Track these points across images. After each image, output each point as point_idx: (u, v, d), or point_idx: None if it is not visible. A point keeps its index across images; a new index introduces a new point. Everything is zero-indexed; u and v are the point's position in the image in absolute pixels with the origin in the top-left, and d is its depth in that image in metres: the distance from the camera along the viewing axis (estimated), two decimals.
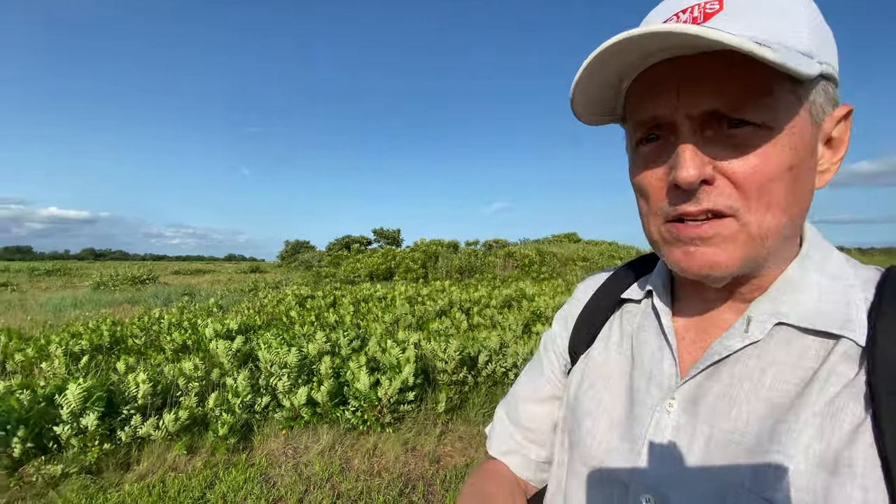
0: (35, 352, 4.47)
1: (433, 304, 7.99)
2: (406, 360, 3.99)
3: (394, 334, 5.98)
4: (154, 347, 5.09)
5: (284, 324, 6.51)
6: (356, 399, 3.68)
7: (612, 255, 17.00)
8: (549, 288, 8.72)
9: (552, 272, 15.25)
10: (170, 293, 14.05)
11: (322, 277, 19.80)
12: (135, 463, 3.17)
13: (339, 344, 4.56)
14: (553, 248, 19.48)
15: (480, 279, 14.94)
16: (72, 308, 11.18)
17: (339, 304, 9.42)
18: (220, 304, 11.37)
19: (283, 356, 3.95)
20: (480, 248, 19.71)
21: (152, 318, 7.47)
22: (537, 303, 6.83)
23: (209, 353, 4.99)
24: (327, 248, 42.68)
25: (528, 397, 0.73)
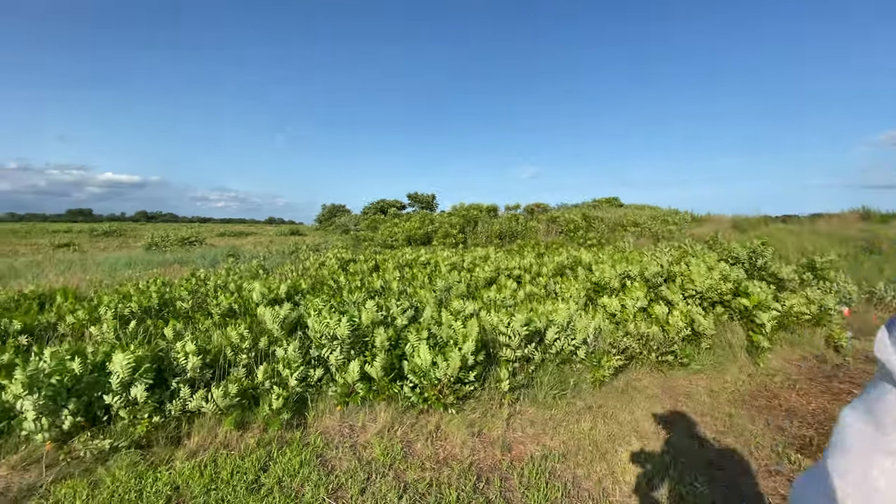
0: (86, 314, 4.39)
1: (481, 272, 7.54)
2: (465, 334, 3.59)
3: (445, 303, 5.61)
4: (201, 311, 4.95)
5: (331, 289, 6.27)
6: (415, 375, 3.34)
7: (665, 219, 15.86)
8: (605, 255, 8.05)
9: (600, 238, 14.40)
10: (216, 254, 14.32)
11: (360, 241, 19.76)
12: (185, 437, 2.98)
13: (391, 314, 4.21)
14: (598, 212, 18.44)
15: (523, 245, 14.32)
16: (125, 268, 11.53)
17: (382, 269, 9.16)
18: (264, 265, 11.42)
19: (334, 327, 3.63)
20: (521, 212, 18.95)
21: (199, 280, 7.45)
22: (598, 272, 6.24)
23: (256, 318, 4.79)
24: (363, 211, 42.93)
25: None
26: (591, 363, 4.12)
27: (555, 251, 11.85)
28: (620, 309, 5.23)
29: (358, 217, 39.71)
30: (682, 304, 5.20)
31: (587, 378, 3.99)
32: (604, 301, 5.25)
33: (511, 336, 3.81)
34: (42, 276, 9.58)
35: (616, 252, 9.99)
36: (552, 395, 3.65)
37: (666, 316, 4.89)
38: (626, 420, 3.50)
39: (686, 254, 6.89)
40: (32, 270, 9.96)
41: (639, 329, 4.51)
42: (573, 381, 3.83)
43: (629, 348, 4.34)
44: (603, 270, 6.14)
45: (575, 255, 8.06)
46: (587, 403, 3.66)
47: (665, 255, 6.53)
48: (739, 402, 4.05)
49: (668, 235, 14.68)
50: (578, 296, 5.51)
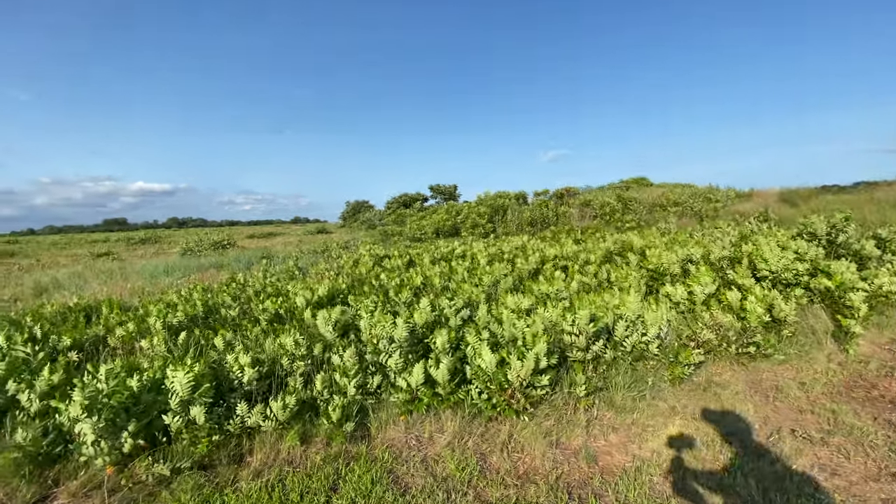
0: (135, 325, 4.32)
1: (523, 263, 7.22)
2: (533, 334, 3.30)
3: (493, 299, 5.34)
4: (248, 318, 4.83)
5: (373, 288, 6.08)
6: (479, 379, 3.08)
7: (707, 197, 15.06)
8: (656, 239, 7.57)
9: (639, 220, 13.79)
10: (250, 257, 14.45)
11: (388, 236, 19.66)
12: (247, 454, 2.82)
13: (444, 313, 3.97)
14: (633, 193, 17.71)
15: (557, 232, 13.86)
16: (164, 275, 11.73)
17: (418, 264, 8.95)
18: (299, 265, 11.40)
19: (389, 329, 3.41)
20: (551, 198, 18.40)
21: (239, 284, 7.42)
22: (655, 258, 5.81)
23: (304, 322, 4.64)
24: (386, 206, 42.97)
25: None
26: (666, 359, 3.77)
27: (591, 237, 11.38)
28: (687, 297, 4.83)
29: (382, 212, 39.80)
30: (757, 287, 4.75)
31: (664, 376, 3.65)
32: (667, 289, 4.86)
33: (577, 334, 3.50)
34: (85, 287, 9.81)
35: (661, 234, 9.47)
36: (630, 397, 3.33)
37: (740, 302, 4.47)
38: (717, 421, 3.16)
39: (751, 233, 6.38)
40: (75, 282, 10.21)
41: (715, 318, 4.12)
42: (651, 381, 3.50)
43: (708, 341, 3.96)
44: (660, 256, 5.72)
45: (623, 240, 7.61)
46: (670, 405, 3.33)
47: (727, 236, 6.06)
48: (837, 395, 3.64)
49: (712, 214, 13.94)
50: (638, 285, 5.13)
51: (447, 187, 45.28)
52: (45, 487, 2.46)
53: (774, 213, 12.71)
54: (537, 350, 3.07)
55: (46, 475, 2.51)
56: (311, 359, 3.48)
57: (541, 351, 3.09)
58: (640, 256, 6.79)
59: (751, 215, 13.13)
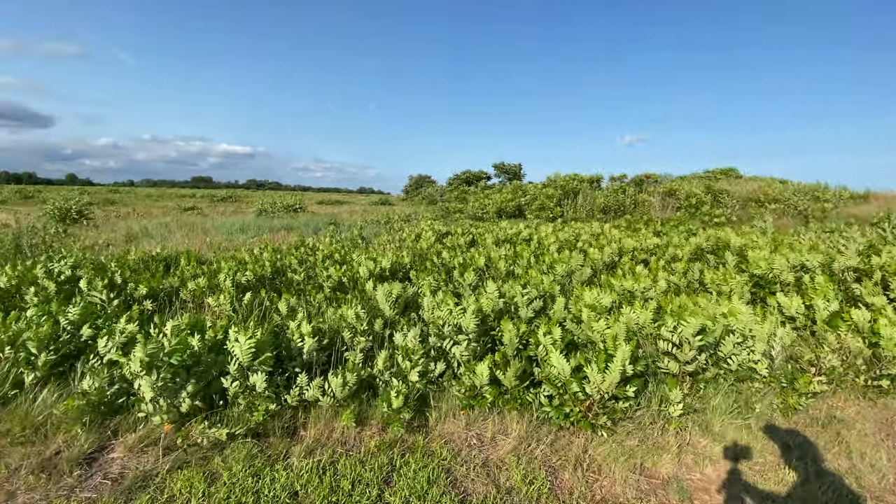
0: (206, 280, 4.41)
1: (597, 252, 6.62)
2: (615, 336, 2.86)
3: (567, 291, 4.88)
4: (313, 283, 4.80)
5: (434, 265, 5.85)
6: (550, 384, 2.72)
7: (815, 195, 13.17)
8: (756, 237, 6.61)
9: (729, 216, 12.37)
10: (318, 222, 14.89)
11: (450, 213, 19.43)
12: (301, 428, 2.70)
13: (514, 302, 3.61)
14: (723, 185, 15.94)
15: (633, 221, 12.82)
16: (239, 232, 12.37)
17: (480, 244, 8.62)
18: (363, 235, 11.52)
19: (458, 316, 3.12)
20: (629, 183, 17.09)
21: (307, 249, 7.53)
22: (763, 262, 5.00)
23: (365, 293, 4.51)
24: (448, 182, 42.80)
25: None
26: (777, 384, 3.17)
27: (674, 230, 10.35)
28: (804, 311, 4.08)
29: (443, 188, 39.69)
30: (890, 308, 3.90)
31: (774, 404, 3.06)
32: (779, 300, 4.13)
33: (677, 343, 3.00)
34: (170, 238, 10.57)
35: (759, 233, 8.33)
36: (732, 425, 2.81)
37: (869, 325, 3.68)
38: (843, 468, 2.58)
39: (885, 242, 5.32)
40: (161, 232, 10.99)
41: (843, 341, 3.42)
42: (758, 408, 2.94)
43: (832, 368, 3.28)
44: (769, 259, 4.91)
45: (718, 237, 6.74)
46: (782, 440, 2.77)
47: (853, 243, 5.08)
48: None
49: (819, 215, 12.17)
50: (741, 291, 4.43)
51: (512, 166, 44.09)
52: (103, 437, 2.49)
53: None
54: (621, 357, 2.63)
55: (107, 425, 2.54)
56: (372, 334, 3.30)
57: (625, 358, 2.65)
58: (739, 257, 5.95)
59: (869, 220, 11.28)
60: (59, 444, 2.46)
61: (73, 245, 8.47)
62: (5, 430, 2.50)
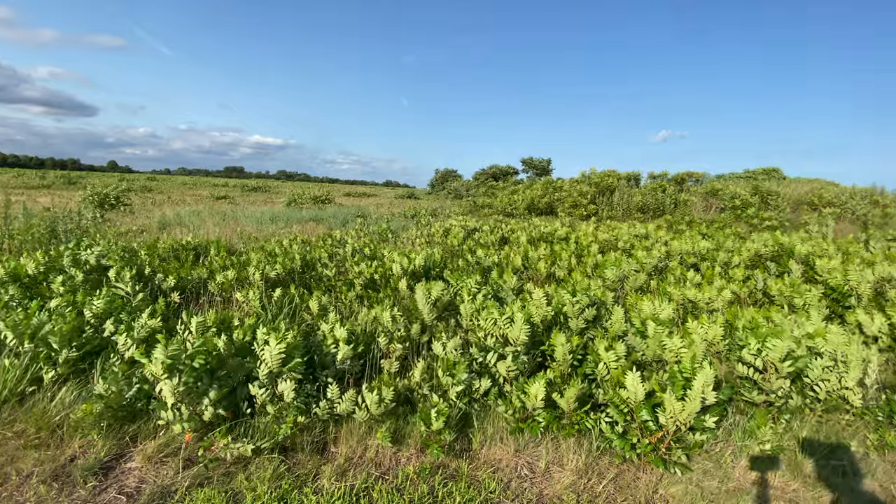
0: (235, 273, 4.23)
1: (644, 255, 6.14)
2: (692, 358, 2.47)
3: (619, 299, 4.48)
4: (343, 280, 4.56)
5: (468, 264, 5.53)
6: (617, 410, 2.36)
7: (874, 198, 12.17)
8: (827, 245, 5.99)
9: (781, 219, 11.54)
10: (346, 214, 14.79)
11: (478, 207, 19.03)
12: (331, 444, 2.44)
13: (563, 311, 3.25)
14: (772, 186, 14.96)
15: (673, 221, 12.14)
16: (269, 222, 12.36)
17: (513, 242, 8.24)
18: (391, 228, 11.31)
19: (504, 326, 2.79)
20: (669, 181, 16.27)
21: (336, 241, 7.34)
22: (834, 271, 4.47)
23: (398, 292, 4.23)
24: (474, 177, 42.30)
25: None
26: (871, 417, 2.72)
27: (720, 232, 9.69)
28: (888, 331, 3.57)
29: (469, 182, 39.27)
30: None
31: (868, 439, 2.62)
32: (859, 317, 3.63)
33: (760, 369, 2.59)
34: (202, 226, 10.60)
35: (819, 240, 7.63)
36: (825, 467, 2.39)
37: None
38: None
39: None
40: (194, 220, 11.04)
41: None
42: (854, 446, 2.51)
43: None
44: (845, 270, 4.36)
45: (779, 242, 6.16)
46: (884, 488, 2.33)
47: None
48: None
49: (880, 221, 11.22)
50: (818, 306, 3.93)
51: (540, 161, 43.21)
52: (122, 444, 2.29)
53: None
54: (702, 382, 2.25)
55: (125, 430, 2.34)
56: (409, 340, 3.01)
57: (707, 383, 2.27)
58: (805, 266, 5.39)
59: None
60: (75, 450, 2.28)
61: (107, 231, 8.55)
62: (20, 431, 2.33)
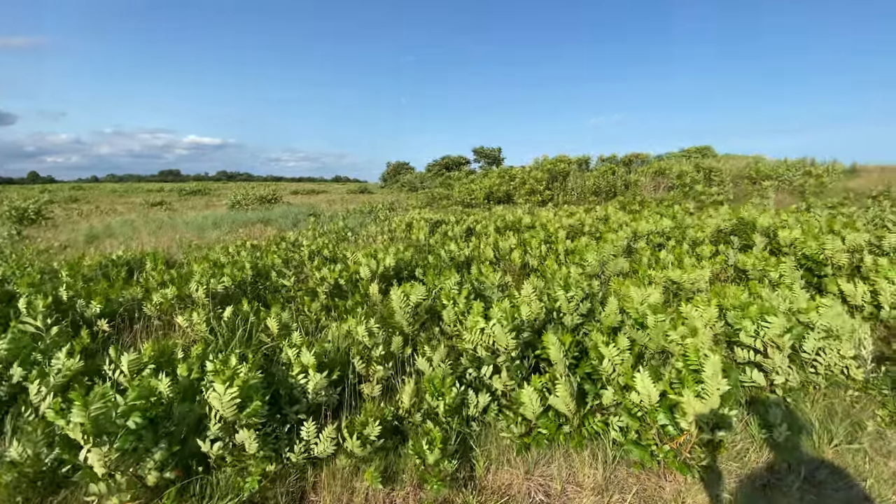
0: (176, 289, 3.65)
1: (615, 238, 6.08)
2: (696, 349, 2.29)
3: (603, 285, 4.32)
4: (303, 287, 4.08)
5: (440, 259, 5.20)
6: (629, 415, 2.14)
7: (807, 171, 13.01)
8: (786, 216, 6.18)
9: (725, 194, 12.07)
10: (296, 213, 13.96)
11: (436, 199, 18.70)
12: (311, 492, 2.05)
13: (556, 306, 3.01)
14: (712, 163, 15.68)
15: (626, 202, 12.39)
16: (212, 227, 11.39)
17: (481, 233, 7.98)
18: (349, 226, 10.74)
19: (490, 334, 2.48)
20: (618, 164, 16.66)
21: (290, 245, 6.75)
22: (794, 242, 4.56)
23: (369, 298, 3.83)
24: (427, 168, 41.92)
25: None
26: (876, 390, 2.68)
27: (669, 209, 9.95)
28: (869, 300, 3.63)
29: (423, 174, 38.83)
30: None
31: (877, 415, 2.58)
32: (841, 286, 3.66)
33: (760, 350, 2.46)
34: (135, 237, 9.55)
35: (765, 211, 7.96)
36: (847, 451, 2.30)
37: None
38: None
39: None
40: (126, 231, 9.95)
41: None
42: (871, 425, 2.44)
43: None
44: (819, 240, 4.43)
45: (739, 216, 6.29)
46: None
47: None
48: None
49: (815, 190, 12.00)
50: (793, 277, 3.95)
51: (491, 150, 43.47)
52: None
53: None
54: (713, 372, 2.07)
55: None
56: (391, 357, 2.64)
57: (717, 373, 2.09)
58: (767, 238, 5.51)
59: (864, 194, 11.16)
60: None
61: (24, 250, 7.44)
62: None
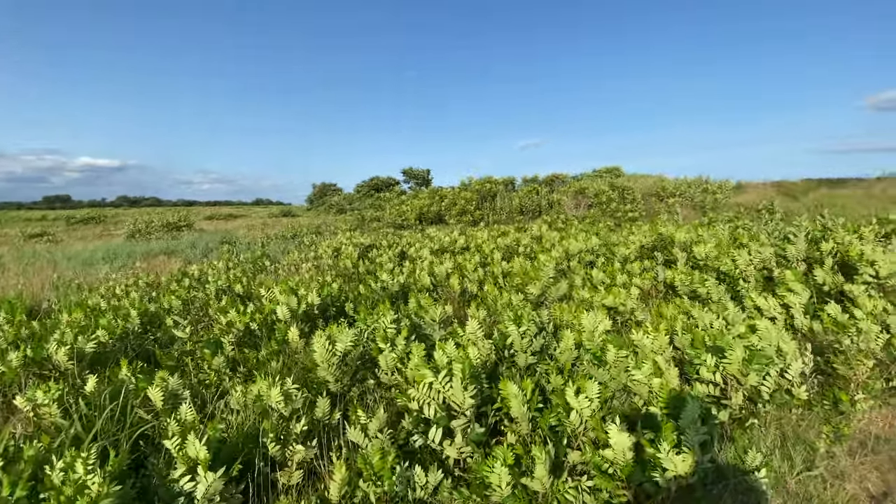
0: (28, 354, 2.82)
1: (547, 258, 6.03)
2: (661, 386, 2.11)
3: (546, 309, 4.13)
4: (204, 339, 3.39)
5: (373, 292, 4.72)
6: (602, 475, 1.86)
7: (704, 188, 14.41)
8: (701, 231, 6.56)
9: (638, 211, 12.93)
10: (207, 242, 12.62)
11: (366, 221, 18.11)
12: None
13: (508, 342, 2.70)
14: (625, 182, 16.91)
15: (551, 221, 12.80)
16: (103, 262, 9.84)
17: (414, 257, 7.61)
18: (268, 254, 9.81)
19: (440, 389, 2.10)
20: (541, 184, 17.34)
21: (194, 281, 5.85)
22: (709, 257, 4.78)
23: (288, 345, 3.28)
24: (355, 190, 41.06)
25: None
26: (821, 409, 2.69)
27: (592, 227, 10.39)
28: (781, 311, 3.80)
29: (351, 196, 37.95)
30: (864, 297, 3.77)
31: (822, 433, 2.56)
32: (757, 301, 3.80)
33: (720, 384, 2.34)
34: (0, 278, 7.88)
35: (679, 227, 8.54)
36: (808, 479, 2.21)
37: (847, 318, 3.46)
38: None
39: (825, 229, 5.48)
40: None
41: (862, 342, 3.09)
42: (823, 447, 2.40)
43: (850, 373, 2.91)
44: (734, 255, 4.64)
45: (658, 232, 6.56)
46: (862, 487, 2.24)
47: (802, 230, 5.13)
48: None
49: (712, 205, 13.28)
50: (718, 292, 4.05)
51: (420, 171, 43.73)
52: None
53: (778, 206, 12.16)
54: (691, 419, 1.88)
55: None
56: (314, 427, 2.14)
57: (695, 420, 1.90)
58: (685, 253, 5.77)
59: (752, 207, 12.56)
60: None
61: None
62: None
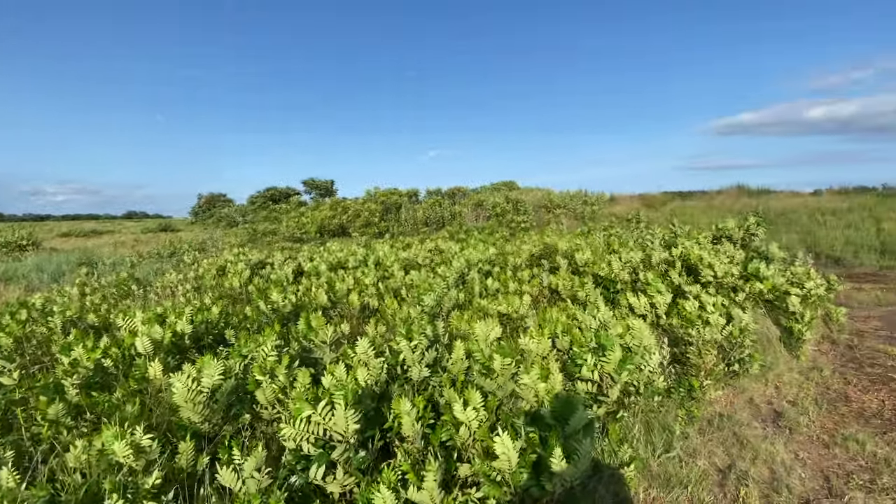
0: None
1: (447, 270, 6.16)
2: (548, 391, 2.25)
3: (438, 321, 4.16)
4: (42, 382, 2.78)
5: (261, 313, 4.34)
6: (492, 483, 1.90)
7: (584, 201, 16.04)
8: (578, 240, 7.23)
9: (530, 221, 13.93)
10: (60, 263, 10.65)
11: (259, 235, 16.85)
12: None
13: (400, 359, 2.65)
14: (519, 195, 18.14)
15: (453, 232, 13.20)
16: None
17: (312, 273, 7.22)
18: (136, 276, 8.58)
19: (323, 420, 1.96)
20: (443, 196, 17.80)
21: (35, 312, 4.85)
22: (588, 263, 5.31)
23: (150, 384, 2.85)
24: (249, 200, 38.16)
25: None
26: (677, 395, 3.09)
27: (490, 237, 10.94)
28: (649, 309, 4.33)
29: (244, 207, 35.23)
30: (706, 294, 4.47)
31: (677, 416, 2.94)
32: (631, 300, 4.29)
33: (597, 381, 2.56)
34: None
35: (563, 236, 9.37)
36: (669, 462, 2.50)
37: (698, 313, 4.09)
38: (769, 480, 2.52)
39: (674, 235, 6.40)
40: None
41: (707, 333, 3.61)
42: (679, 428, 2.74)
43: (700, 361, 3.41)
44: (610, 261, 5.19)
45: (544, 242, 7.09)
46: (711, 461, 2.60)
47: (657, 238, 5.94)
48: (833, 415, 3.35)
49: (590, 216, 14.81)
50: (594, 295, 4.49)
51: (324, 182, 42.10)
52: None
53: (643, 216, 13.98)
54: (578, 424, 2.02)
55: None
56: (177, 476, 1.86)
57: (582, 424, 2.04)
58: (567, 260, 6.32)
59: (623, 217, 14.29)
60: None
61: None
62: None
